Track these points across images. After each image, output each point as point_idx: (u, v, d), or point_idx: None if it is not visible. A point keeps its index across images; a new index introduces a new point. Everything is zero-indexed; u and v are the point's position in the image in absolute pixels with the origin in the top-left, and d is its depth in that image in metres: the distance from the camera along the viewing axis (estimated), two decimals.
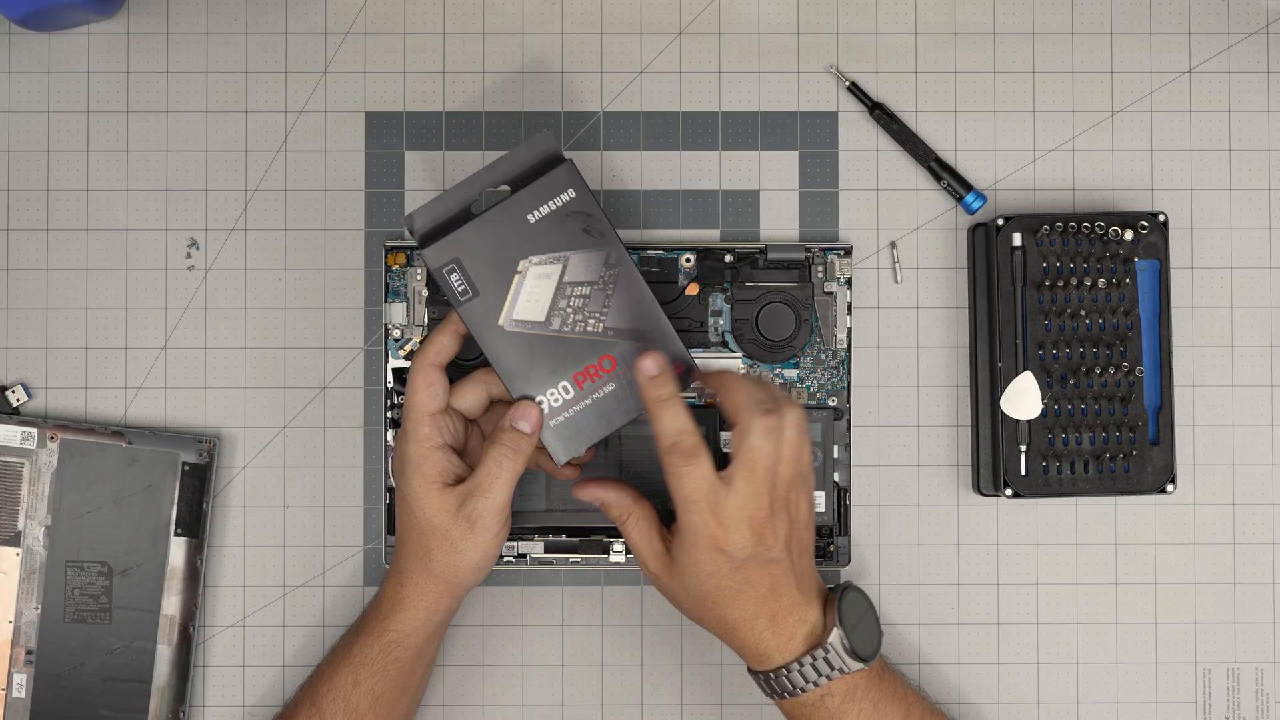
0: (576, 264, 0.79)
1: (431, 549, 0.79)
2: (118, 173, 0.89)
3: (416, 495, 0.79)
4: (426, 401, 0.79)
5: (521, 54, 0.89)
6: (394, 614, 0.81)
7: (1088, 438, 0.85)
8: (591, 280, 0.80)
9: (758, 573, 0.77)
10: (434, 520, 0.79)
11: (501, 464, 0.78)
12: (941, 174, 0.88)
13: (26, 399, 0.88)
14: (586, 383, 0.80)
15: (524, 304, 0.80)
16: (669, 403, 0.78)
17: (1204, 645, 0.89)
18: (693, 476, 0.76)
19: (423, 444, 0.79)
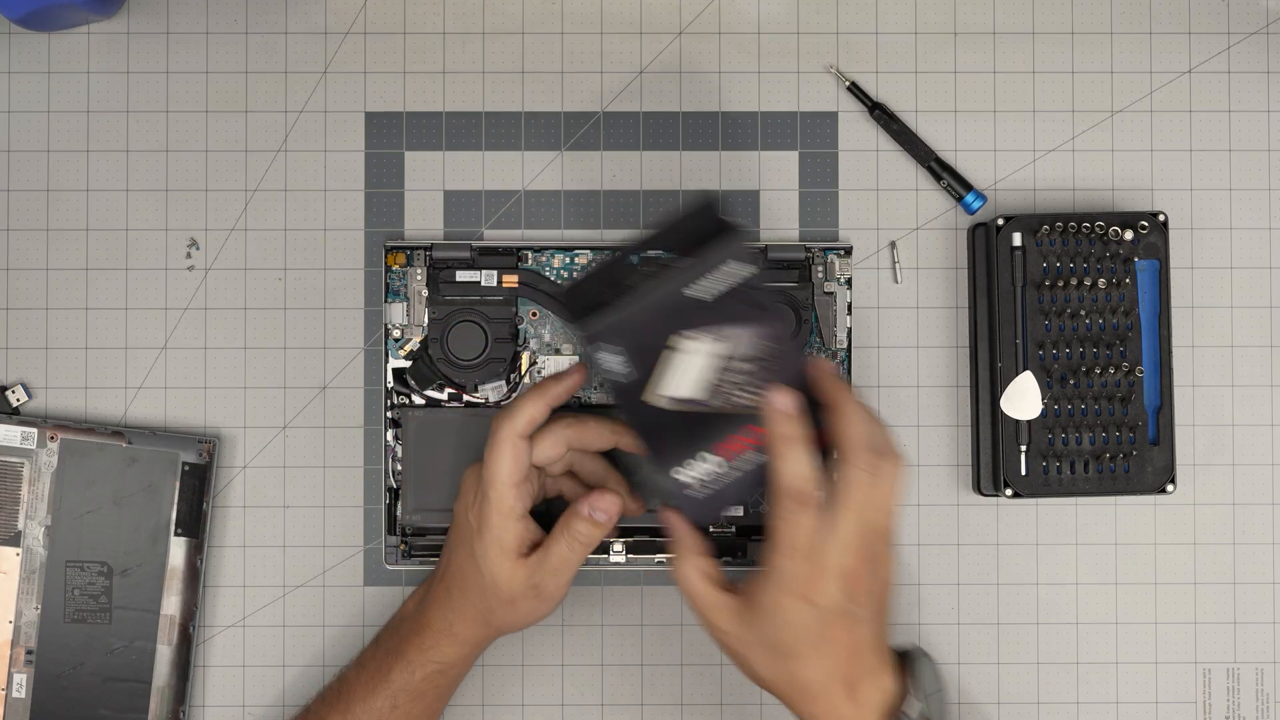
0: (742, 340, 0.76)
1: (494, 607, 0.80)
2: (118, 173, 0.89)
3: (491, 562, 0.79)
4: (513, 474, 0.78)
5: (521, 54, 0.89)
6: (439, 646, 0.81)
7: (1088, 438, 0.85)
8: (753, 357, 0.76)
9: (842, 630, 0.74)
10: (504, 587, 0.79)
11: (573, 549, 0.79)
12: (941, 174, 0.88)
13: (26, 399, 0.88)
14: (733, 453, 0.77)
15: (678, 380, 0.76)
16: (795, 443, 0.75)
17: (1204, 645, 0.89)
18: (801, 523, 0.73)
19: (507, 516, 0.79)
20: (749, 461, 0.77)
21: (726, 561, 0.87)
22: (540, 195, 0.89)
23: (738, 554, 0.87)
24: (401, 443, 0.87)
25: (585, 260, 0.88)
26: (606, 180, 0.89)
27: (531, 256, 0.88)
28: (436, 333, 0.87)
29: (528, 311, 0.88)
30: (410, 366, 0.87)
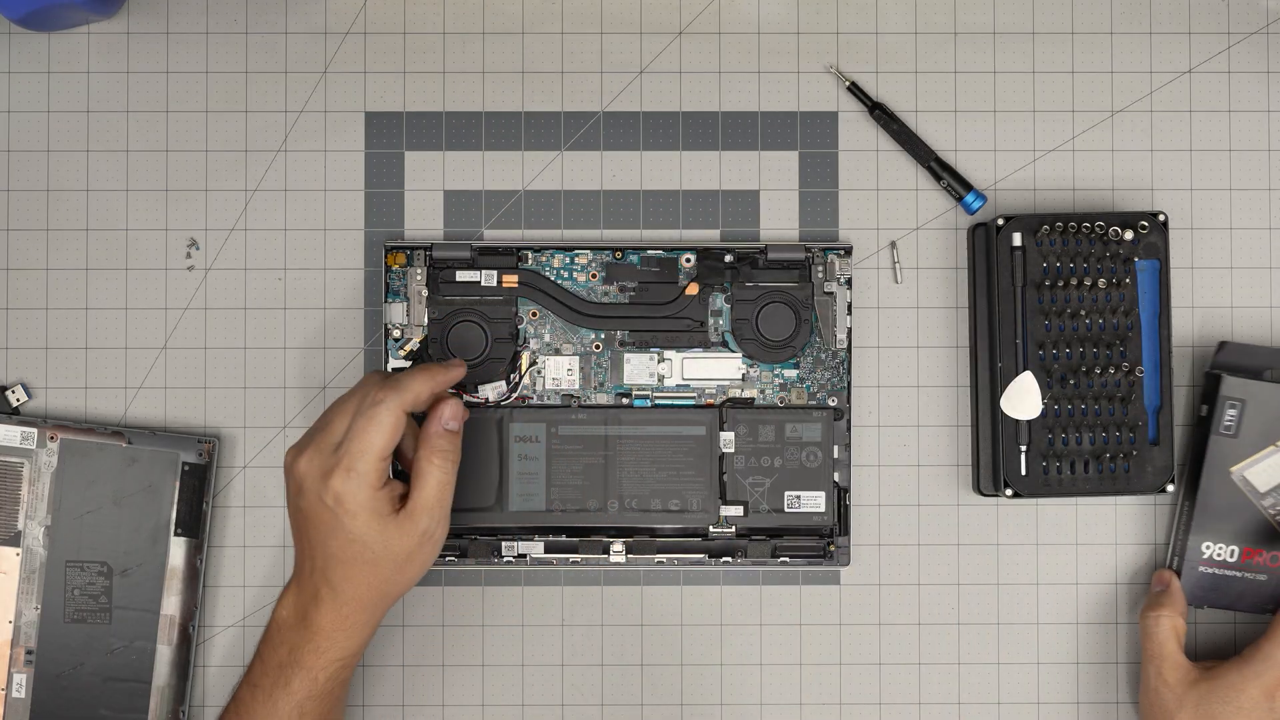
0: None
1: (389, 575, 0.78)
2: (118, 173, 0.89)
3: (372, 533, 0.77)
4: (388, 446, 0.77)
5: (521, 54, 0.89)
6: (336, 644, 0.79)
7: (1088, 438, 0.85)
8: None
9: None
10: (396, 548, 0.78)
11: (446, 469, 0.78)
12: (941, 174, 0.88)
13: (26, 399, 0.88)
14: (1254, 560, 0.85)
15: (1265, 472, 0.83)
16: None
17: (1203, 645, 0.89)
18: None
19: (375, 487, 0.77)
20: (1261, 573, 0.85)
21: (727, 563, 0.87)
22: (540, 195, 0.89)
23: (737, 555, 0.87)
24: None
25: (585, 260, 0.88)
26: (606, 180, 0.89)
27: (531, 256, 0.88)
28: (436, 333, 0.87)
29: (528, 311, 0.88)
30: (410, 366, 0.87)
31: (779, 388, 0.88)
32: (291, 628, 0.79)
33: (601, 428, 0.87)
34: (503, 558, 0.87)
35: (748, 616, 0.89)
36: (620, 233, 0.89)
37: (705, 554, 0.87)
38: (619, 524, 0.87)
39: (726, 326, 0.88)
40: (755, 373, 0.88)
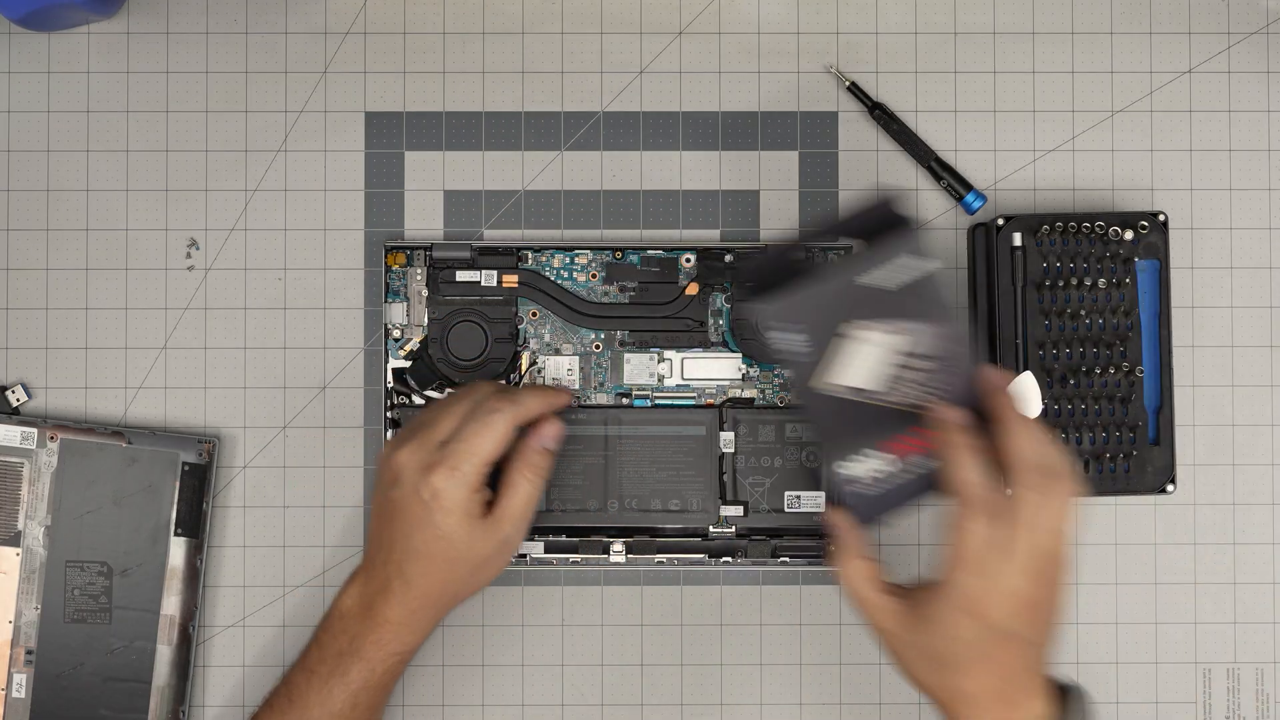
0: (923, 337, 0.76)
1: (463, 576, 0.80)
2: (118, 173, 0.89)
3: (462, 534, 0.79)
4: (494, 453, 0.79)
5: (521, 54, 0.89)
6: (400, 637, 0.81)
7: (1088, 438, 0.85)
8: (935, 355, 0.76)
9: (1006, 651, 0.74)
10: (479, 551, 0.80)
11: (536, 484, 0.81)
12: (941, 174, 0.88)
13: (26, 399, 0.88)
14: (903, 452, 0.77)
15: (847, 368, 0.76)
16: (967, 450, 0.74)
17: (1204, 645, 0.89)
18: (975, 533, 0.73)
19: (475, 489, 0.79)
20: (918, 465, 0.77)
21: (727, 562, 0.87)
22: (540, 195, 0.89)
23: (737, 555, 0.87)
24: None
25: (585, 260, 0.88)
26: (606, 180, 0.89)
27: (531, 256, 0.88)
28: (436, 333, 0.87)
29: (528, 311, 0.88)
30: (410, 366, 0.87)
31: (779, 388, 0.88)
32: (355, 617, 0.81)
33: (601, 428, 0.87)
34: None
35: (748, 616, 0.89)
36: (620, 233, 0.89)
37: (705, 554, 0.87)
38: (619, 524, 0.87)
39: (726, 326, 0.88)
40: (755, 373, 0.88)
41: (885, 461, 0.77)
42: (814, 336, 0.76)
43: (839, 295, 0.76)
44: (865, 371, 0.76)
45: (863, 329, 0.76)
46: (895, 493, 0.78)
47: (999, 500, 0.73)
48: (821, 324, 0.76)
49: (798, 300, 0.76)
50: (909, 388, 0.76)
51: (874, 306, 0.76)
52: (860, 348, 0.76)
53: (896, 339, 0.76)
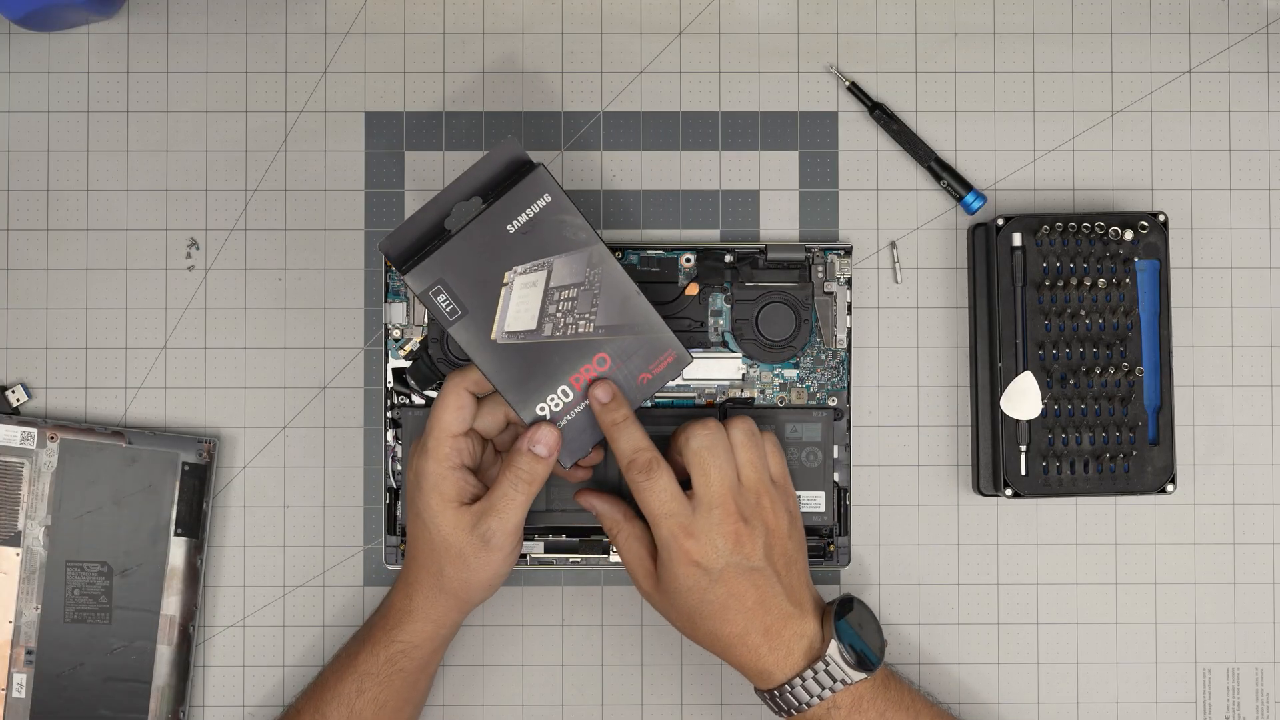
0: (561, 268, 0.79)
1: (444, 565, 0.80)
2: (118, 173, 0.89)
3: (433, 513, 0.79)
4: (453, 423, 0.79)
5: (521, 54, 0.89)
6: (402, 625, 0.81)
7: (1088, 438, 0.85)
8: (576, 282, 0.79)
9: (740, 583, 0.78)
10: (449, 538, 0.79)
11: (517, 486, 0.79)
12: (941, 174, 0.88)
13: (26, 399, 0.88)
14: (583, 383, 0.80)
15: (514, 315, 0.79)
16: (624, 425, 0.79)
17: (1204, 645, 0.89)
18: (654, 489, 0.78)
19: (443, 464, 0.79)
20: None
21: None
22: None
23: None
24: (401, 443, 0.87)
25: None
26: (606, 180, 0.89)
27: None
28: (436, 333, 0.87)
29: None
30: (410, 366, 0.87)
31: (779, 388, 0.88)
32: (379, 607, 0.84)
33: None
34: None
35: None
36: (620, 233, 0.89)
37: None
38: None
39: (726, 326, 0.88)
40: (755, 373, 0.88)
41: (577, 394, 0.80)
42: (471, 293, 0.78)
43: (485, 247, 0.78)
44: (527, 315, 0.79)
45: (515, 274, 0.79)
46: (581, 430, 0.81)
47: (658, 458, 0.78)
48: (477, 279, 0.78)
49: (440, 261, 0.78)
50: (569, 318, 0.79)
51: (518, 251, 0.78)
52: (517, 293, 0.79)
53: (544, 275, 0.79)
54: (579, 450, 0.81)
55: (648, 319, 0.80)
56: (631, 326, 0.80)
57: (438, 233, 0.79)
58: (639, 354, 0.80)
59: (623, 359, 0.80)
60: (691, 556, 0.77)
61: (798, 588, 0.79)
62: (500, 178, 0.79)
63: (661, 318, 0.80)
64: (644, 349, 0.80)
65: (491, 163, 0.79)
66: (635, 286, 0.80)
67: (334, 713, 0.81)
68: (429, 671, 0.84)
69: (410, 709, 0.83)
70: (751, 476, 0.79)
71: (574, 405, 0.80)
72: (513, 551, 0.80)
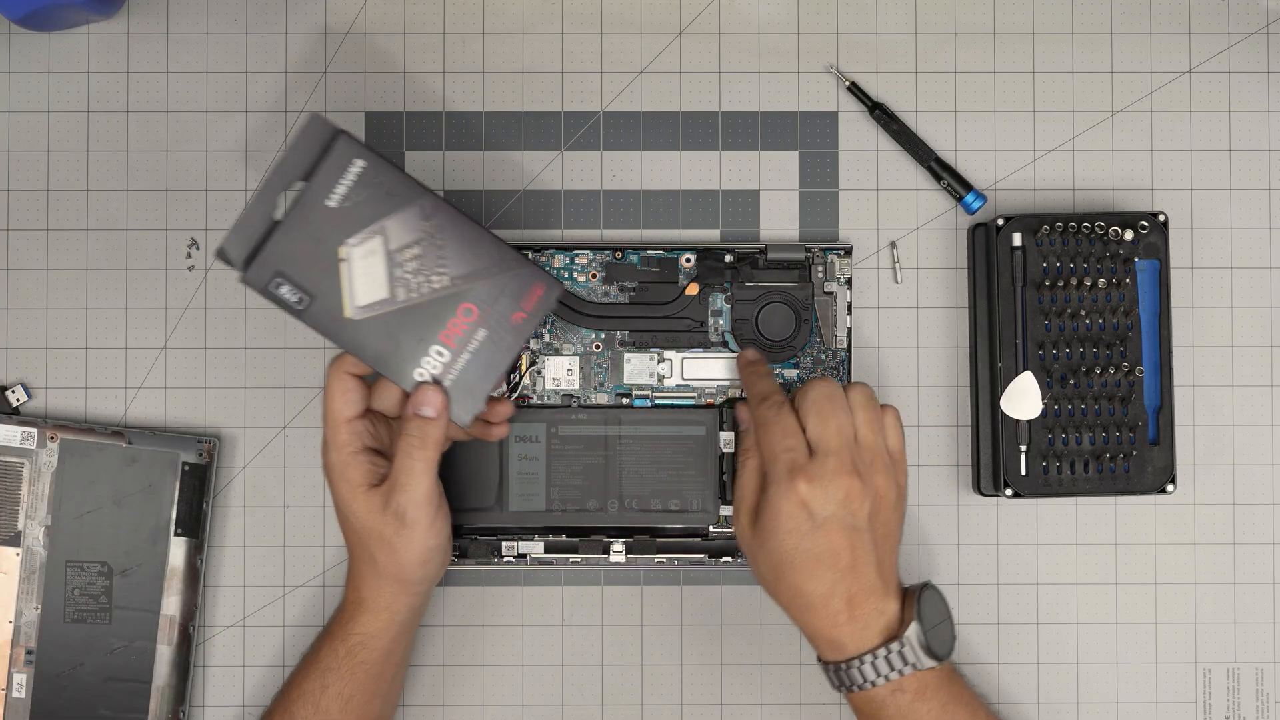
0: (394, 229, 0.77)
1: (373, 551, 0.79)
2: (118, 173, 0.89)
3: (345, 501, 0.79)
4: (343, 409, 0.79)
5: (521, 54, 0.89)
6: (355, 618, 0.81)
7: (1088, 438, 0.85)
8: (415, 239, 0.77)
9: (839, 539, 0.77)
10: (366, 523, 0.79)
11: (412, 455, 0.78)
12: (941, 174, 0.88)
13: (26, 399, 0.88)
14: (455, 337, 0.78)
15: (362, 288, 0.78)
16: (763, 373, 0.82)
17: (1204, 645, 0.89)
18: (780, 424, 0.78)
19: (342, 451, 0.79)
20: (472, 339, 0.79)
21: (727, 562, 0.87)
22: (540, 195, 0.89)
23: (737, 555, 0.87)
24: None
25: (585, 260, 0.88)
26: (606, 180, 0.89)
27: (531, 256, 0.87)
28: None
29: None
30: None
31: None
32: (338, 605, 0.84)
33: (601, 428, 0.87)
34: (503, 558, 0.87)
35: (748, 616, 0.89)
36: (620, 233, 0.89)
37: (705, 554, 0.87)
38: (619, 524, 0.87)
39: (726, 326, 0.88)
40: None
41: (452, 350, 0.79)
42: (315, 277, 0.77)
43: (313, 228, 0.77)
44: (374, 283, 0.78)
45: (350, 247, 0.77)
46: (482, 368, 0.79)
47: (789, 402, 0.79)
48: (315, 262, 0.77)
49: (271, 254, 0.77)
50: (419, 277, 0.78)
51: (348, 223, 0.77)
52: (357, 265, 0.77)
53: (380, 240, 0.77)
54: (474, 405, 0.79)
55: (502, 257, 0.78)
56: (488, 269, 0.78)
57: (270, 226, 0.77)
58: (505, 294, 0.78)
59: (490, 303, 0.78)
60: (801, 496, 0.76)
61: (887, 563, 0.78)
62: (319, 156, 0.77)
63: (518, 251, 0.79)
64: (509, 288, 0.78)
65: (304, 143, 0.77)
66: (479, 228, 0.78)
67: (301, 711, 0.81)
68: (394, 661, 0.83)
69: (379, 702, 0.83)
70: (869, 437, 0.78)
71: (454, 363, 0.79)
72: (432, 522, 0.79)
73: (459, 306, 0.78)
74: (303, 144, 0.77)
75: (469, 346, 0.79)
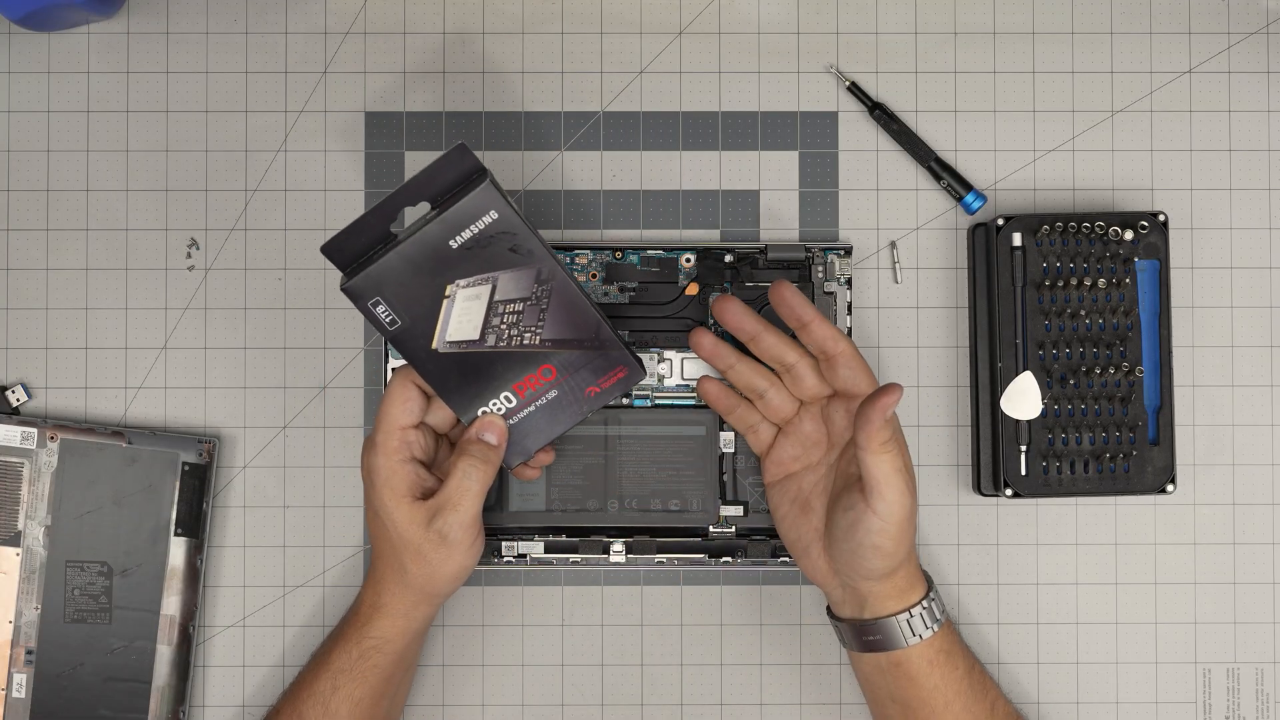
0: (506, 283, 0.78)
1: (405, 562, 0.79)
2: (118, 173, 0.89)
3: (388, 509, 0.79)
4: (401, 416, 0.79)
5: (521, 54, 0.89)
6: (372, 621, 0.81)
7: (1088, 438, 0.85)
8: (523, 297, 0.78)
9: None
10: (405, 534, 0.79)
11: (470, 476, 0.78)
12: (941, 174, 0.88)
13: (26, 399, 0.88)
14: (528, 390, 0.80)
15: (455, 326, 0.78)
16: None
17: (1204, 645, 0.89)
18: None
19: (392, 457, 0.79)
20: (543, 396, 0.80)
21: (727, 562, 0.87)
22: (541, 195, 0.89)
23: (737, 555, 0.87)
24: None
25: (585, 260, 0.88)
26: (606, 180, 0.89)
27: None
28: None
29: None
30: None
31: None
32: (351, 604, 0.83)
33: (601, 428, 0.87)
34: (503, 558, 0.87)
35: (748, 616, 0.89)
36: (620, 233, 0.89)
37: (705, 554, 0.87)
38: (619, 524, 0.87)
39: None
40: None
41: (520, 400, 0.80)
42: (410, 303, 0.78)
43: (428, 259, 0.77)
44: (469, 326, 0.78)
45: (459, 286, 0.78)
46: (541, 425, 0.80)
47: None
48: (417, 290, 0.77)
49: (380, 272, 0.77)
50: (513, 330, 0.79)
51: (464, 263, 0.77)
52: (459, 305, 0.78)
53: (484, 289, 0.78)
54: (522, 453, 0.81)
55: (599, 335, 0.80)
56: (580, 340, 0.79)
57: (384, 237, 0.78)
58: (589, 367, 0.80)
59: (570, 370, 0.80)
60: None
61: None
62: (452, 183, 0.77)
63: (616, 334, 0.80)
64: (593, 362, 0.80)
65: (443, 168, 0.77)
66: (588, 302, 0.79)
67: (311, 711, 0.81)
68: (404, 664, 0.83)
69: (387, 703, 0.83)
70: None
71: (518, 410, 0.80)
72: (473, 544, 0.80)
73: (540, 365, 0.79)
74: (442, 169, 0.77)
75: (536, 401, 0.80)
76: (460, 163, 0.77)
